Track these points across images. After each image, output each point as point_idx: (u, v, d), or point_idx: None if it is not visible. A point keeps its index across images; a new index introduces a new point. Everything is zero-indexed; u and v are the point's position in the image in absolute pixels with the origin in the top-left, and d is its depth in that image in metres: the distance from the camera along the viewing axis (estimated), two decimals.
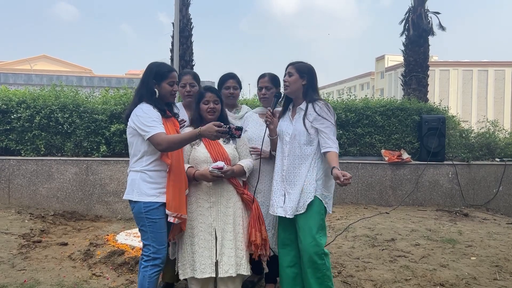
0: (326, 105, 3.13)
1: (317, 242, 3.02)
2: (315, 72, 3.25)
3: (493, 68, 47.99)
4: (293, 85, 3.18)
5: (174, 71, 3.04)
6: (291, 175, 3.15)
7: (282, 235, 3.24)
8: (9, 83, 21.02)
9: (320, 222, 3.07)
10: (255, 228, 3.12)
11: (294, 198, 3.09)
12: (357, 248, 4.83)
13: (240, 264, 3.09)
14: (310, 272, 3.03)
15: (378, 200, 7.42)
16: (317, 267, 3.01)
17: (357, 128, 7.64)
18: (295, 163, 3.14)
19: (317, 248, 3.01)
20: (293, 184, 3.12)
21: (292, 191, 3.11)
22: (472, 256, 4.58)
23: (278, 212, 3.16)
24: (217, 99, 3.21)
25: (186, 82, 3.62)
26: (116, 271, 4.08)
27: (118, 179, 6.49)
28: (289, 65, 3.23)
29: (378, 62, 56.74)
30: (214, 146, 3.17)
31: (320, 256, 3.02)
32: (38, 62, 43.59)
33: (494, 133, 8.57)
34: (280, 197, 3.17)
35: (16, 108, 6.48)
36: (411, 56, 11.20)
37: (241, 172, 3.19)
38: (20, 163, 6.41)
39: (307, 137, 3.11)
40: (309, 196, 3.06)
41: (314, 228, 3.04)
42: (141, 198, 2.86)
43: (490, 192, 7.72)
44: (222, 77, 3.74)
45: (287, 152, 3.18)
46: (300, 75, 3.18)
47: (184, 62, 10.74)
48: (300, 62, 3.25)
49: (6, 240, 4.71)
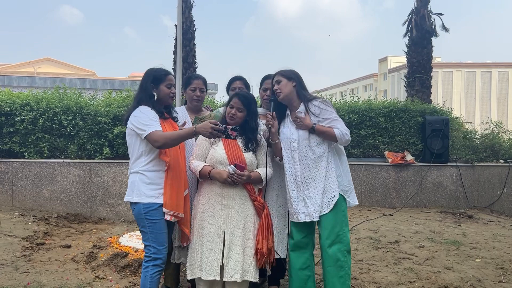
0: (324, 101, 3.18)
1: (341, 239, 3.07)
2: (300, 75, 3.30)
3: (496, 69, 47.91)
4: (285, 89, 3.18)
5: (170, 74, 3.11)
6: (307, 179, 3.13)
7: (296, 237, 3.22)
8: (13, 85, 21.15)
9: (343, 218, 3.12)
10: (262, 236, 3.09)
11: (316, 201, 3.09)
12: (361, 250, 4.81)
13: (247, 270, 3.05)
14: (333, 271, 3.04)
15: (381, 202, 7.40)
16: (340, 264, 3.04)
17: (360, 129, 7.62)
18: (310, 166, 3.13)
19: (341, 245, 3.06)
20: (312, 187, 3.11)
21: (313, 194, 3.10)
22: (476, 258, 4.55)
23: (301, 218, 3.13)
24: (241, 107, 3.15)
25: (196, 87, 3.63)
26: (119, 273, 4.08)
27: (121, 181, 6.50)
28: (274, 76, 3.27)
29: (381, 63, 56.72)
30: (232, 148, 3.15)
31: (343, 253, 3.06)
32: (42, 65, 43.78)
33: (498, 134, 8.53)
34: (300, 203, 3.14)
35: (19, 111, 6.50)
36: (414, 58, 11.17)
37: (258, 180, 3.15)
38: (23, 166, 6.43)
39: (317, 137, 3.13)
40: (334, 194, 3.10)
41: (338, 225, 3.08)
42: (140, 199, 2.90)
43: (495, 193, 7.69)
44: (230, 79, 3.85)
45: (297, 157, 3.16)
46: (287, 78, 3.20)
47: (187, 64, 10.74)
48: (284, 69, 3.28)
49: (9, 243, 4.72)
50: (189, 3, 11.11)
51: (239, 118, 3.17)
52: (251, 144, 3.19)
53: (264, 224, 3.13)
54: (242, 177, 3.03)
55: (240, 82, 3.80)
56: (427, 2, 11.32)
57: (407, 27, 11.55)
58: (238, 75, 3.86)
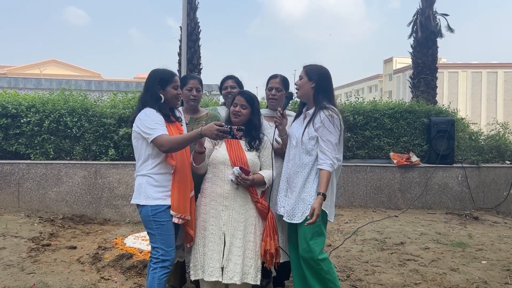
0: (330, 116, 2.95)
1: (311, 248, 2.95)
2: (328, 76, 3.11)
3: (502, 70, 47.65)
4: (302, 88, 3.11)
5: (176, 75, 3.09)
6: (292, 179, 3.10)
7: (292, 235, 3.22)
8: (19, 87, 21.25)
9: (315, 228, 2.96)
10: (270, 237, 3.09)
11: (290, 203, 3.06)
12: (366, 252, 4.79)
13: (247, 272, 3.05)
14: (309, 273, 3.01)
15: (387, 203, 7.37)
16: (314, 270, 2.99)
17: (365, 130, 7.60)
18: (295, 169, 3.08)
19: (310, 254, 2.95)
20: (292, 189, 3.08)
21: (291, 196, 3.08)
22: (482, 260, 4.53)
23: (280, 211, 3.15)
24: (245, 104, 3.16)
25: (193, 86, 3.64)
26: (124, 274, 4.09)
27: (127, 182, 6.52)
28: (303, 68, 3.16)
29: (387, 64, 56.57)
30: (234, 149, 3.15)
31: (316, 261, 2.95)
32: (48, 67, 44.04)
33: (504, 135, 8.50)
34: (284, 197, 3.15)
35: (25, 113, 6.54)
36: (420, 58, 11.14)
37: (261, 182, 3.14)
38: (29, 167, 6.46)
39: (306, 147, 3.02)
40: (309, 207, 2.96)
41: (309, 234, 2.96)
42: (148, 201, 2.89)
43: (501, 195, 7.64)
44: (222, 79, 3.91)
45: (291, 155, 3.14)
46: (308, 78, 3.07)
47: (192, 65, 10.77)
48: (312, 64, 3.14)
49: (15, 244, 4.75)
50: (194, 4, 11.16)
51: (243, 116, 3.17)
52: (254, 142, 3.20)
53: (270, 225, 3.13)
54: (247, 181, 3.03)
55: (232, 81, 3.85)
56: (432, 2, 11.30)
57: (412, 28, 11.53)
58: (229, 74, 3.91)
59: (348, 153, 7.51)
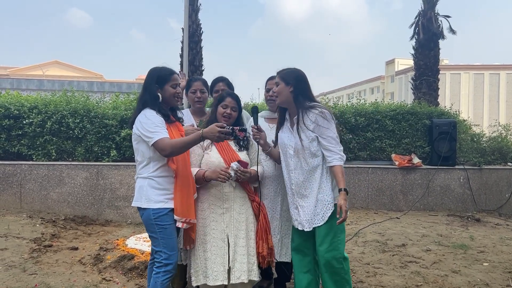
0: (321, 113, 2.96)
1: (335, 246, 2.98)
2: (304, 77, 3.10)
3: (505, 71, 47.56)
4: (281, 95, 3.06)
5: (175, 73, 3.00)
6: (301, 188, 3.05)
7: (297, 241, 3.19)
8: (21, 88, 21.32)
9: (338, 226, 2.97)
10: (262, 240, 3.10)
11: (308, 211, 3.01)
12: (368, 254, 4.79)
13: (251, 269, 3.07)
14: (328, 276, 3.00)
15: (388, 205, 7.37)
16: (335, 271, 2.99)
17: (367, 132, 7.60)
18: (304, 176, 3.04)
19: (335, 252, 2.98)
20: (305, 197, 3.03)
21: (305, 204, 3.03)
22: (484, 262, 4.52)
23: (295, 225, 3.10)
24: (235, 106, 3.19)
25: (196, 88, 3.64)
26: (126, 275, 4.10)
27: (128, 183, 6.53)
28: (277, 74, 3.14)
29: (388, 66, 56.52)
30: (227, 151, 3.14)
31: (339, 260, 2.99)
32: (50, 68, 44.09)
33: (506, 137, 8.47)
34: (294, 210, 3.11)
35: (28, 114, 6.56)
36: (422, 60, 11.15)
37: (255, 177, 3.16)
38: (31, 168, 6.48)
39: (310, 150, 3.00)
40: (329, 207, 2.97)
41: (332, 232, 2.98)
42: (149, 205, 2.83)
43: (503, 197, 7.62)
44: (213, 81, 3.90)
45: (292, 166, 3.08)
46: (285, 83, 3.04)
47: (194, 67, 10.78)
48: (286, 69, 3.13)
49: (17, 244, 4.76)
50: (195, 6, 11.16)
51: (233, 118, 3.19)
52: (243, 142, 3.22)
53: (262, 226, 3.14)
54: (246, 173, 3.03)
55: (223, 84, 3.84)
56: (434, 4, 11.31)
57: (414, 29, 11.54)
58: (220, 76, 3.89)
59: (349, 154, 7.50)
